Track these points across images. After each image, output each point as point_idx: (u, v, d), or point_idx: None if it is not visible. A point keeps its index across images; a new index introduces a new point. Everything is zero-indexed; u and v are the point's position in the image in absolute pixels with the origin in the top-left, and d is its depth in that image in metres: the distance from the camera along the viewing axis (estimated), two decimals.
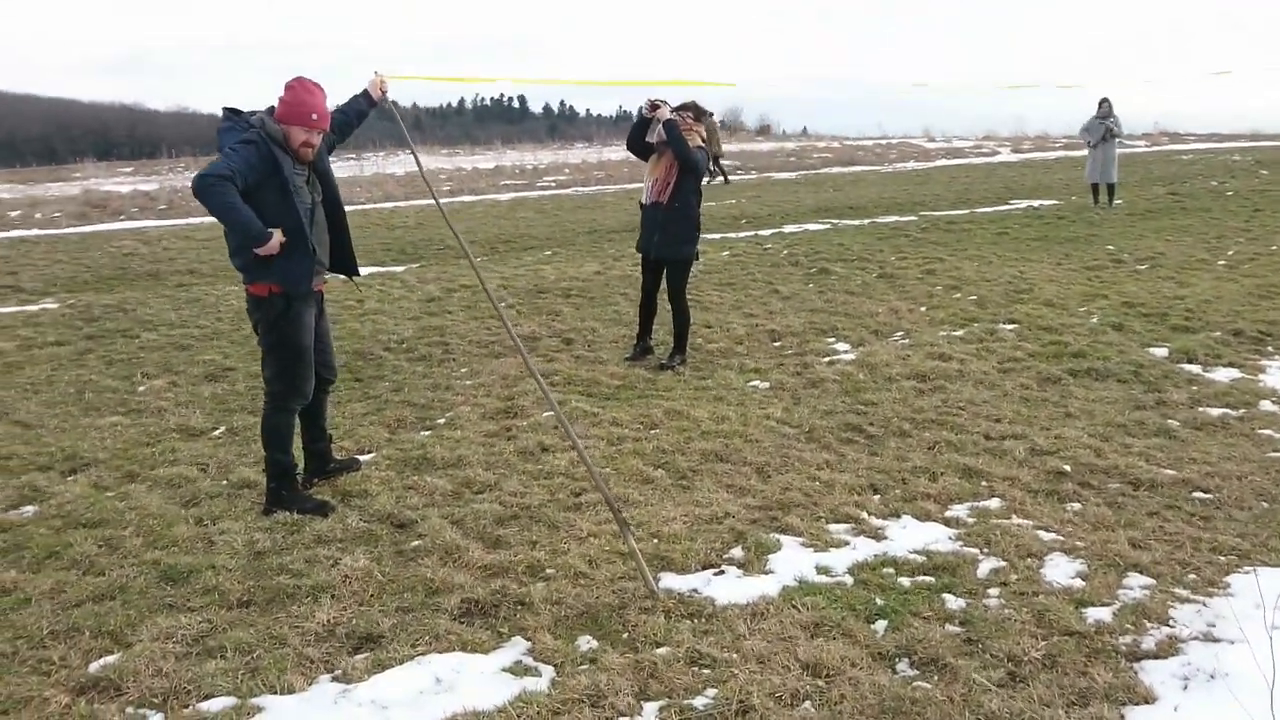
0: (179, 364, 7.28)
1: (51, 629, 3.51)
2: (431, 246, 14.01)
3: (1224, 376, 6.40)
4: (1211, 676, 3.07)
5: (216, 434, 5.74)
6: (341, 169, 36.27)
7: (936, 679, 3.10)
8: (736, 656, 3.23)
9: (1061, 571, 3.79)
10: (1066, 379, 6.36)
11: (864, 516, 4.34)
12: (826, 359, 6.97)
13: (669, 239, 6.83)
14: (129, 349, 7.81)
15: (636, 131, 6.81)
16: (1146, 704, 2.96)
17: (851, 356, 6.99)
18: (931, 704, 2.95)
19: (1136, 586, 3.66)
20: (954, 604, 3.56)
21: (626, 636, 3.42)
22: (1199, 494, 4.54)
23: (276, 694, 3.11)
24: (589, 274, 10.71)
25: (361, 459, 5.18)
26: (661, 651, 3.29)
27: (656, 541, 4.12)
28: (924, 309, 8.53)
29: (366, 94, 4.80)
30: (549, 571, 3.89)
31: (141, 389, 6.68)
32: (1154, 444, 5.19)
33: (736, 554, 4.01)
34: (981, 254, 11.35)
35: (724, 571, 3.88)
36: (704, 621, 3.49)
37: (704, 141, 6.81)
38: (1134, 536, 4.07)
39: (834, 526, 4.26)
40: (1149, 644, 3.27)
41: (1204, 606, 3.51)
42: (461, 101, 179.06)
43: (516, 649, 3.37)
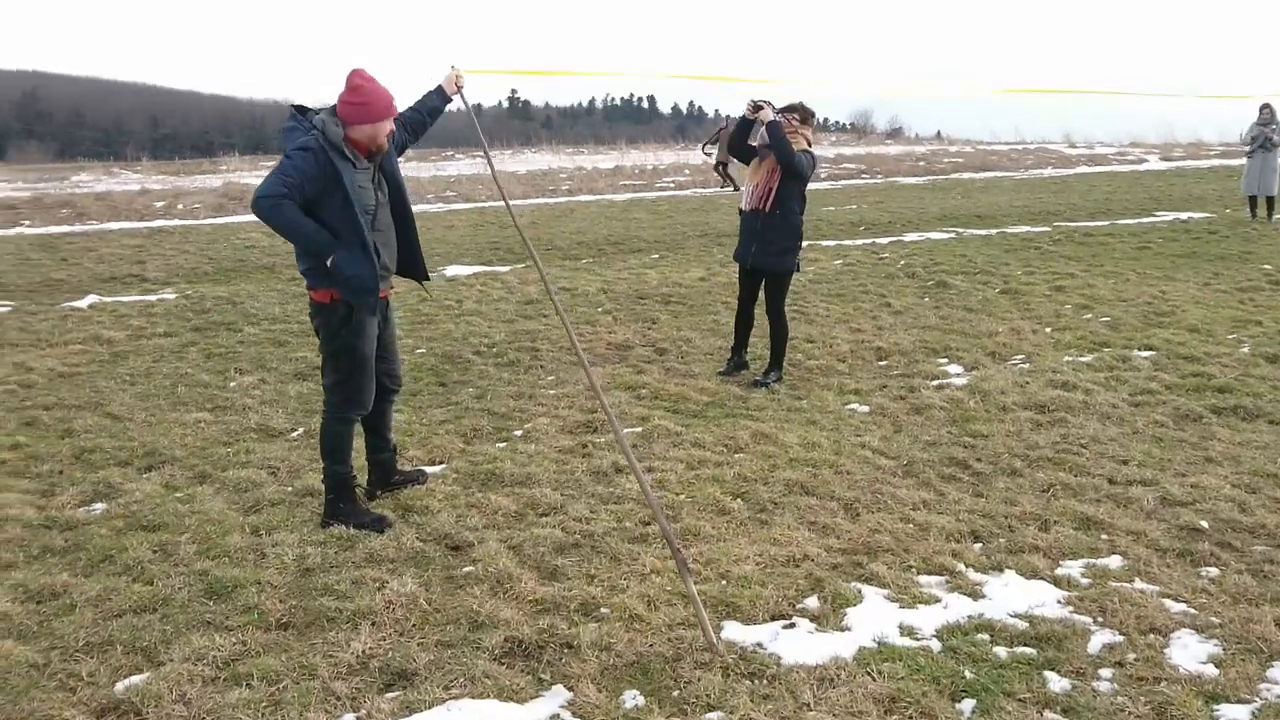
0: (272, 360, 7.30)
1: (87, 640, 3.41)
2: (540, 246, 13.92)
3: None
4: None
5: (294, 436, 5.67)
6: (465, 166, 37.02)
7: None
8: None
9: (1190, 654, 3.25)
10: (1209, 417, 5.67)
11: (960, 569, 3.87)
12: (935, 382, 6.44)
13: (768, 249, 6.44)
14: (229, 343, 7.90)
15: (738, 134, 6.42)
16: None
17: (963, 381, 6.44)
18: None
19: None
20: (1057, 685, 3.08)
21: (677, 695, 3.08)
22: None
23: None
24: (692, 280, 10.37)
25: (429, 471, 5.00)
26: (713, 717, 2.95)
27: (724, 584, 3.77)
28: (1049, 330, 7.85)
29: (440, 90, 4.58)
30: (603, 611, 3.58)
31: (232, 385, 6.70)
32: None
33: (811, 604, 3.61)
34: (1119, 270, 10.48)
35: (795, 624, 3.49)
36: (765, 684, 3.12)
37: (810, 145, 6.38)
38: None
39: (925, 579, 3.81)
40: None
41: None
42: (592, 101, 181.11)
43: (556, 700, 3.07)
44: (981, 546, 4.09)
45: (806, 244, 13.14)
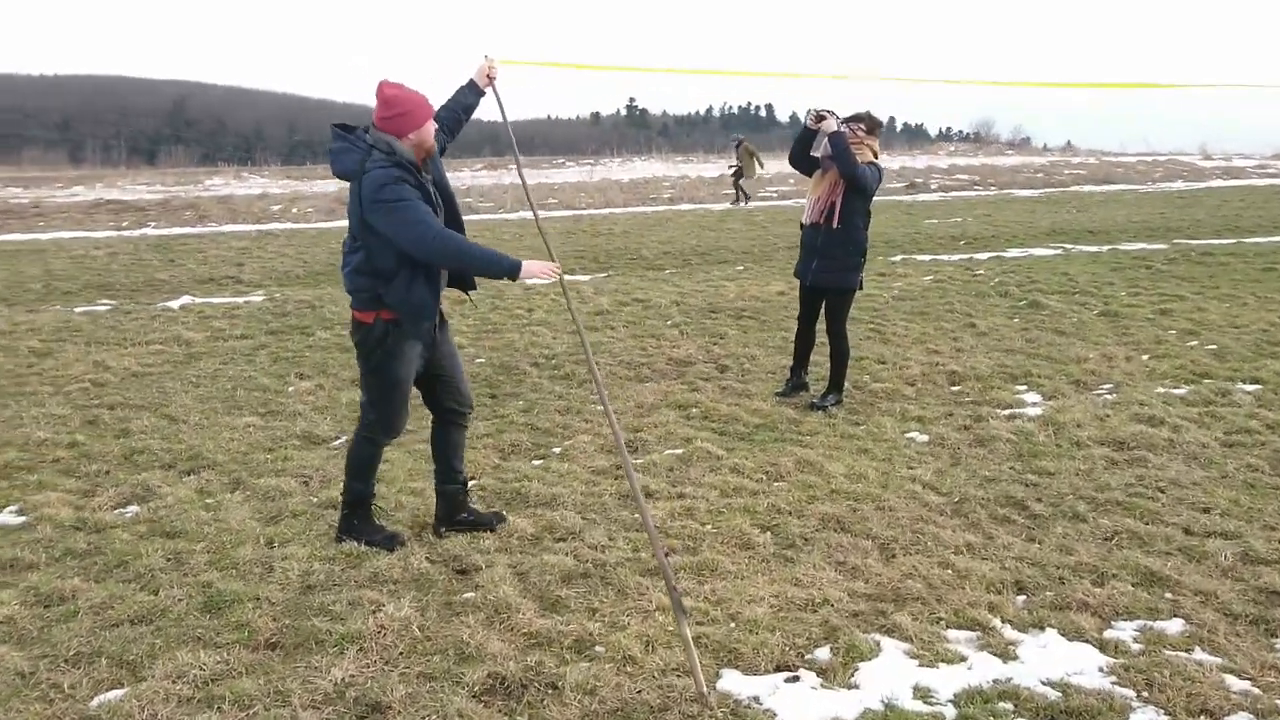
0: (334, 366, 7.36)
1: (78, 650, 3.40)
2: (626, 255, 13.82)
3: None
4: None
5: (335, 444, 5.66)
6: (572, 174, 37.35)
7: None
8: None
9: None
10: None
11: (995, 624, 3.52)
12: (1007, 411, 6.00)
13: (829, 265, 6.11)
14: (298, 347, 8.03)
15: (799, 145, 6.10)
16: None
17: (1038, 411, 5.99)
18: None
19: None
20: None
21: None
22: None
23: None
24: (771, 294, 10.06)
25: (504, 513, 4.68)
26: None
27: (731, 626, 3.52)
28: (1145, 358, 7.26)
29: (473, 84, 4.41)
30: (597, 649, 3.38)
31: (290, 390, 6.77)
32: None
33: (821, 656, 3.33)
34: (1236, 293, 9.69)
35: (799, 677, 3.21)
36: None
37: (875, 156, 6.03)
38: None
39: (953, 634, 3.47)
40: None
41: None
42: (709, 109, 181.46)
43: None
44: (1024, 599, 3.72)
45: (899, 258, 12.76)
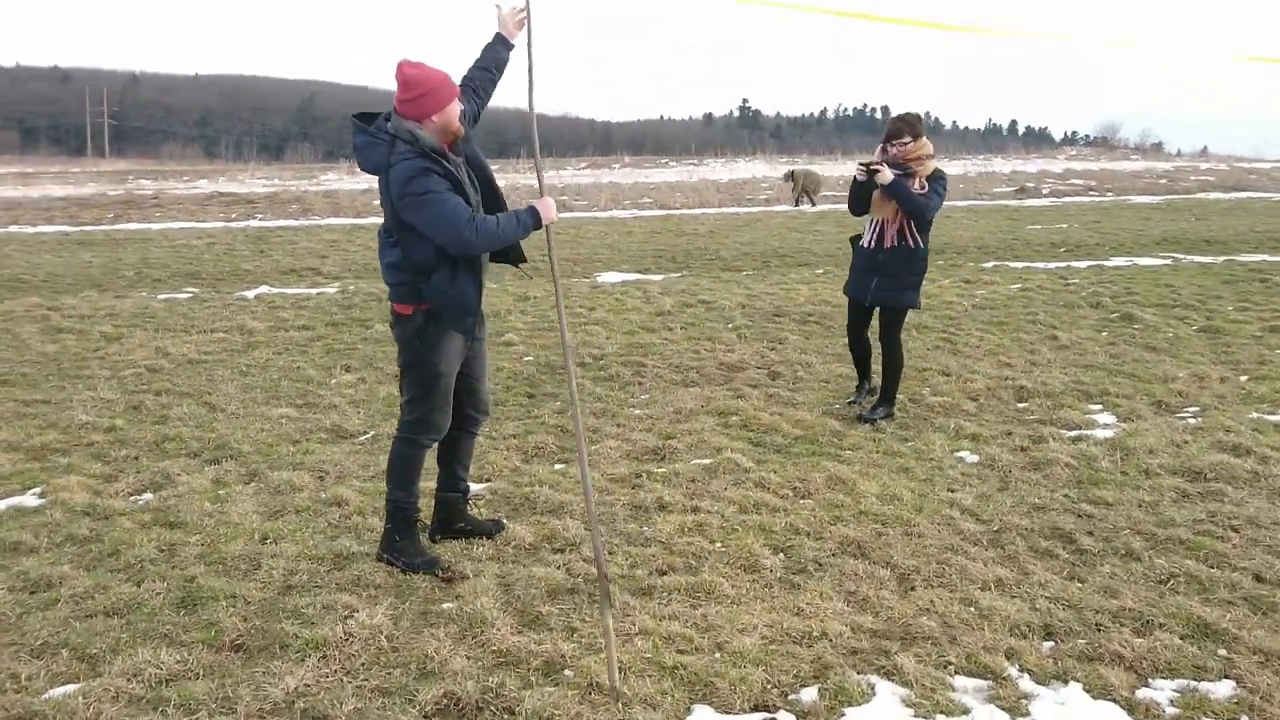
0: (381, 360, 7.33)
1: (46, 640, 3.35)
2: (704, 256, 13.54)
3: None
4: None
5: (362, 439, 5.58)
6: (672, 174, 37.17)
7: None
8: None
9: None
10: None
11: (1011, 673, 3.14)
12: (1073, 433, 5.51)
13: (891, 284, 5.75)
14: (352, 339, 8.04)
15: (856, 199, 5.79)
16: None
17: (1107, 434, 5.48)
18: None
19: None
20: None
21: None
22: None
23: None
24: (843, 298, 9.60)
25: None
26: None
27: (715, 656, 3.24)
28: (1243, 379, 6.62)
29: (500, 37, 4.11)
30: (565, 674, 3.15)
31: (332, 382, 6.76)
32: None
33: (806, 697, 3.02)
34: None
35: None
36: None
37: (931, 155, 5.62)
38: None
39: (961, 681, 3.12)
40: None
41: None
42: (823, 111, 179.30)
43: None
44: (1051, 646, 3.33)
45: (990, 264, 12.12)
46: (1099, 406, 6.04)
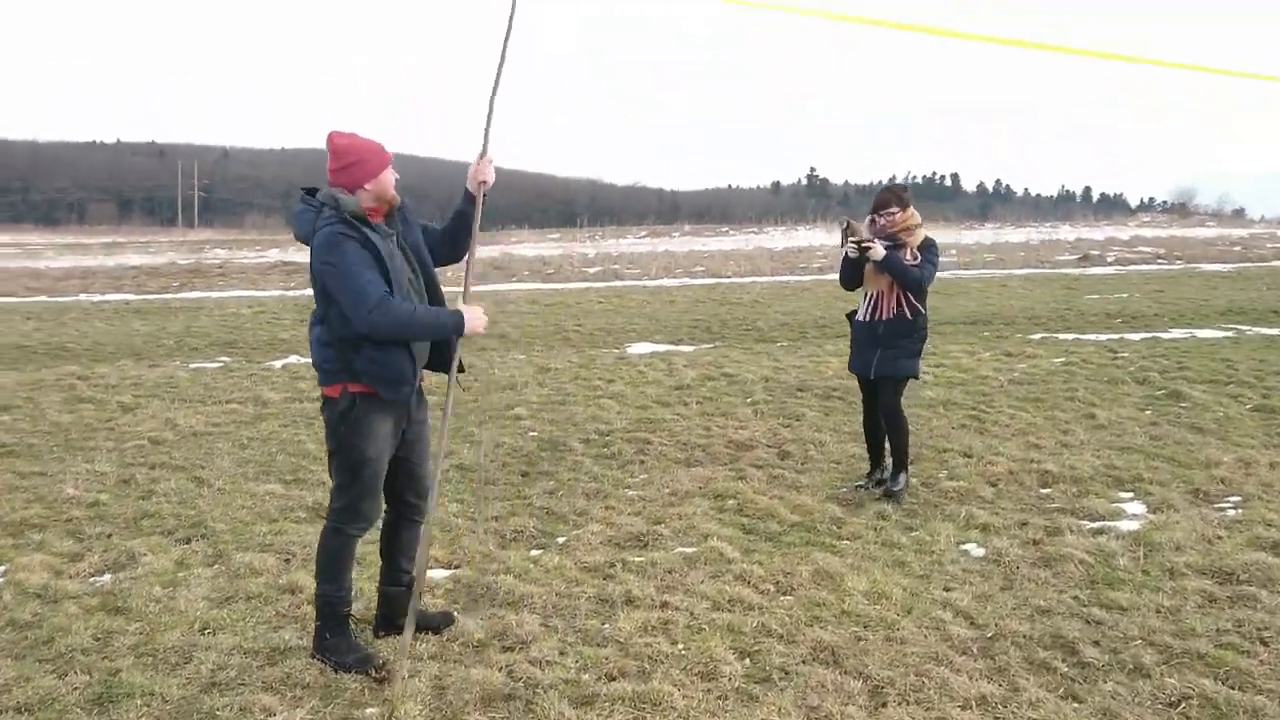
0: None
1: None
2: (741, 326, 13.28)
3: None
4: None
5: None
6: (729, 242, 37.14)
7: None
8: None
9: None
10: None
11: None
12: (1094, 524, 5.06)
13: (893, 355, 5.59)
14: None
15: (848, 274, 5.73)
16: None
17: (1133, 526, 5.02)
18: None
19: None
20: None
21: None
22: None
23: None
24: None
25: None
26: None
27: None
28: None
29: (466, 192, 4.05)
30: None
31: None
32: None
33: None
34: None
35: None
36: None
37: (919, 224, 5.56)
38: None
39: None
40: None
41: None
42: (892, 177, 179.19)
43: None
44: None
45: (1037, 336, 11.61)
46: (1129, 494, 5.58)
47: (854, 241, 5.46)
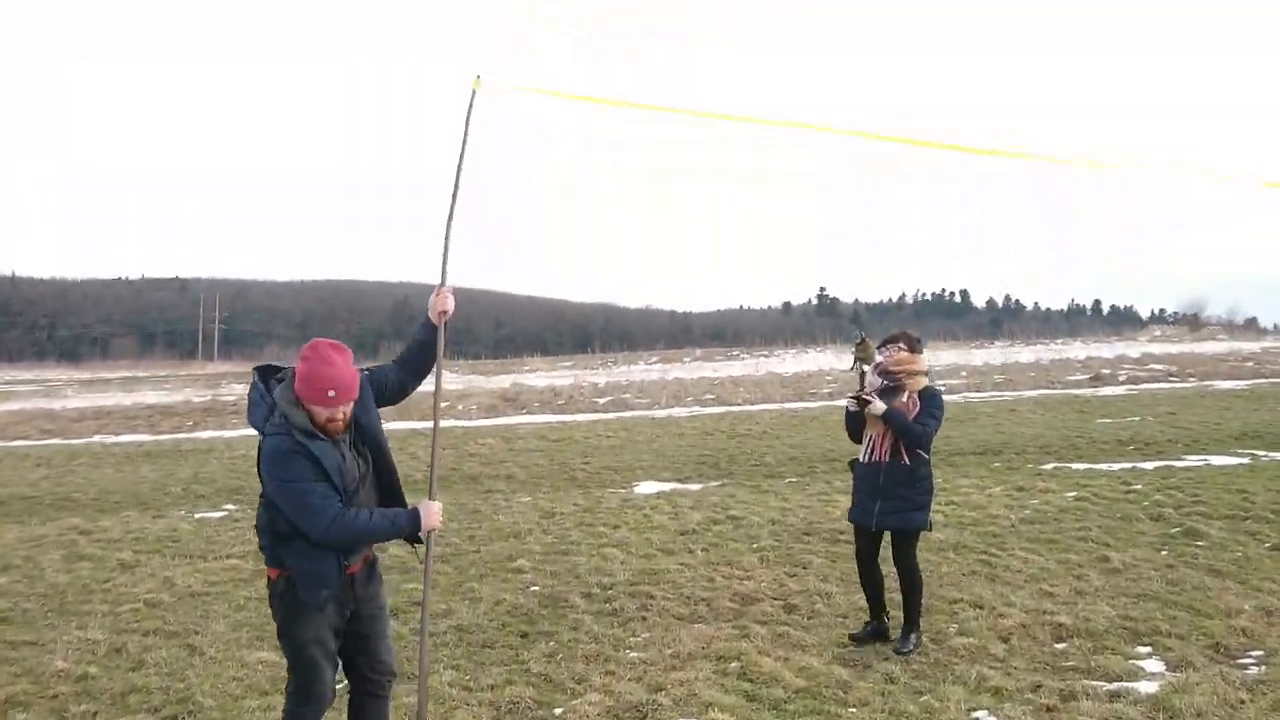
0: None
1: None
2: (750, 461, 13.20)
3: None
4: None
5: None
6: (740, 368, 37.29)
7: None
8: None
9: None
10: None
11: None
12: (1111, 686, 4.86)
13: (896, 506, 5.51)
14: None
15: (852, 428, 5.79)
16: None
17: (1151, 688, 4.81)
18: None
19: None
20: None
21: None
22: None
23: None
24: None
25: None
26: None
27: None
28: None
29: (426, 321, 4.14)
30: None
31: None
32: None
33: None
34: None
35: None
36: None
37: (925, 371, 5.59)
38: None
39: None
40: None
41: None
42: (902, 296, 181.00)
43: None
44: None
45: (1050, 466, 11.47)
46: (1147, 649, 5.38)
47: (853, 396, 5.56)
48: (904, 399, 5.47)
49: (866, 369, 5.64)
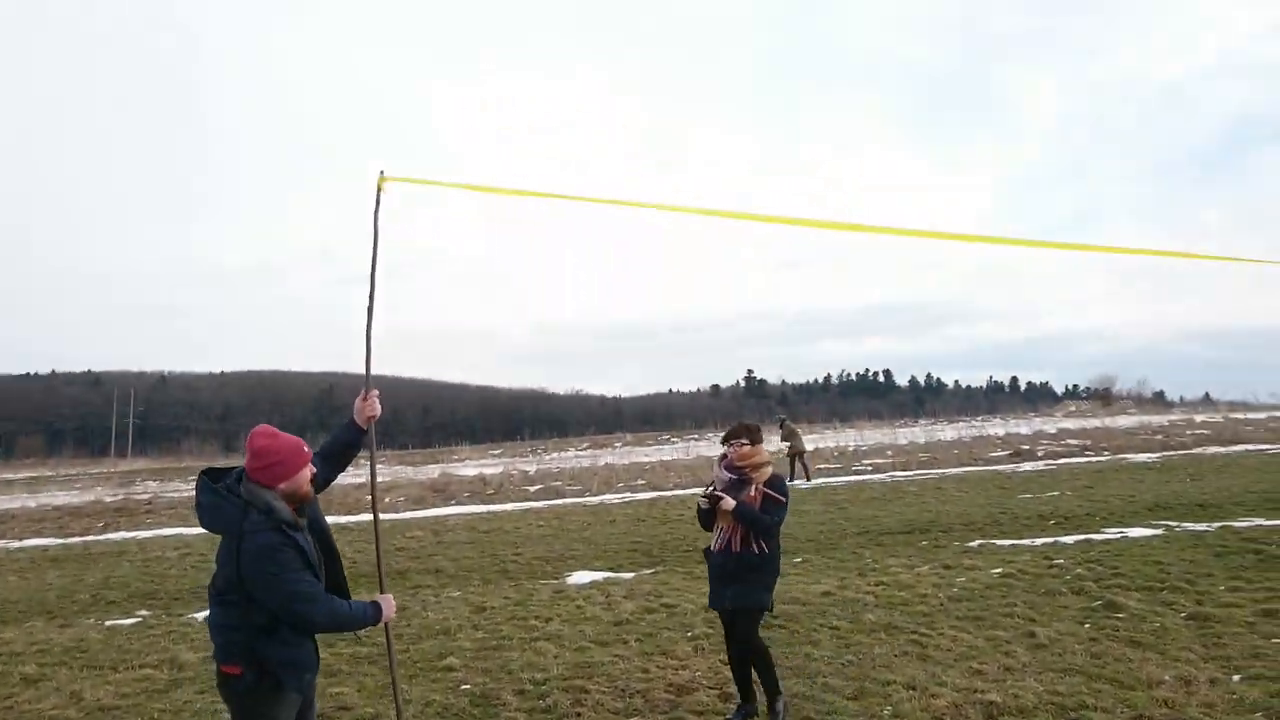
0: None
1: None
2: (682, 547, 13.16)
3: None
4: None
5: None
6: (667, 452, 37.30)
7: None
8: None
9: None
10: None
11: None
12: None
13: (744, 590, 5.74)
14: None
15: (703, 521, 6.02)
16: None
17: None
18: None
19: None
20: None
21: None
22: None
23: None
24: (814, 595, 9.17)
25: None
26: None
27: None
28: (1236, 678, 6.05)
29: (352, 422, 4.26)
30: None
31: None
32: None
33: None
34: None
35: None
36: None
37: (767, 460, 5.85)
38: None
39: None
40: None
41: None
42: (828, 376, 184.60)
43: None
44: None
45: (976, 544, 11.69)
46: None
47: (704, 495, 5.83)
48: (751, 491, 5.74)
49: (713, 491, 5.82)
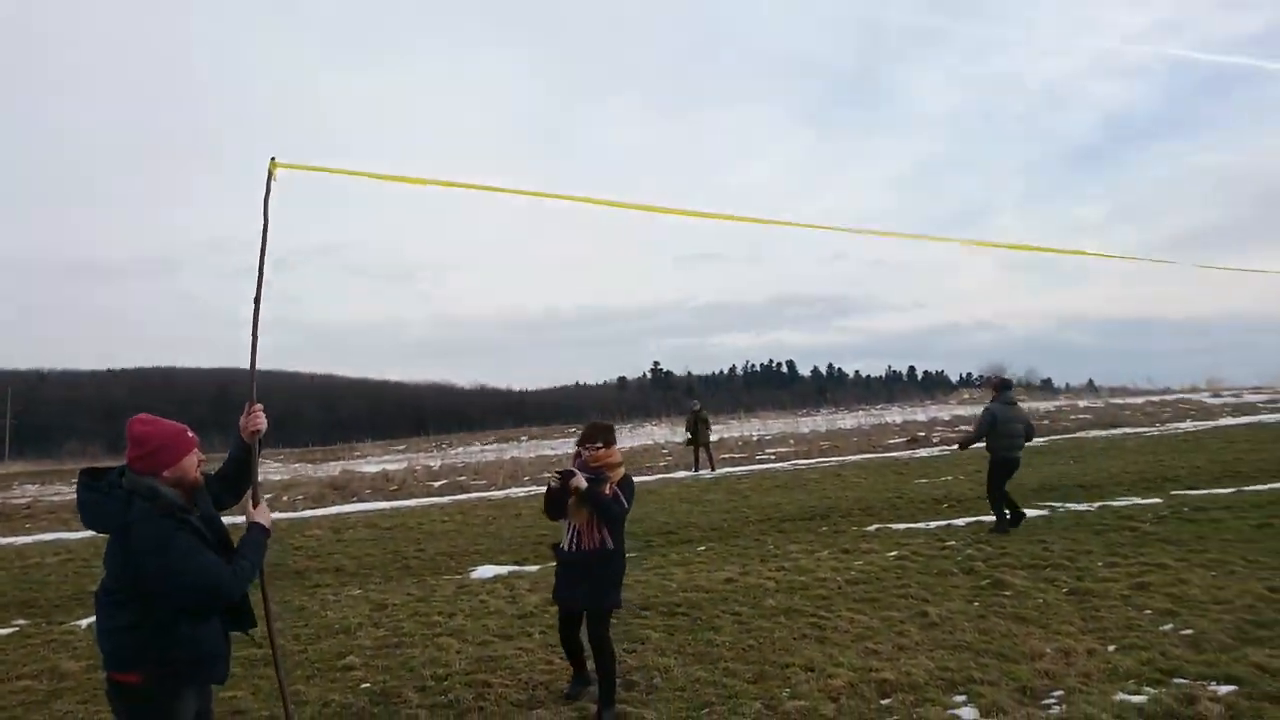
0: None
1: None
2: None
3: None
4: None
5: None
6: (570, 444, 37.39)
7: None
8: None
9: None
10: None
11: None
12: None
13: (594, 588, 5.88)
14: None
15: (551, 504, 6.11)
16: None
17: None
18: None
19: None
20: None
21: None
22: None
23: None
24: (716, 583, 9.29)
25: None
26: None
27: None
28: (1111, 649, 6.39)
29: (239, 440, 4.14)
30: None
31: None
32: None
33: None
34: (1225, 558, 8.83)
35: None
36: None
37: (620, 462, 5.97)
38: None
39: None
40: None
41: None
42: (733, 368, 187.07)
43: None
44: None
45: (873, 528, 12.03)
46: (963, 698, 5.68)
47: (557, 472, 5.90)
48: (606, 490, 5.84)
49: (566, 468, 5.92)
